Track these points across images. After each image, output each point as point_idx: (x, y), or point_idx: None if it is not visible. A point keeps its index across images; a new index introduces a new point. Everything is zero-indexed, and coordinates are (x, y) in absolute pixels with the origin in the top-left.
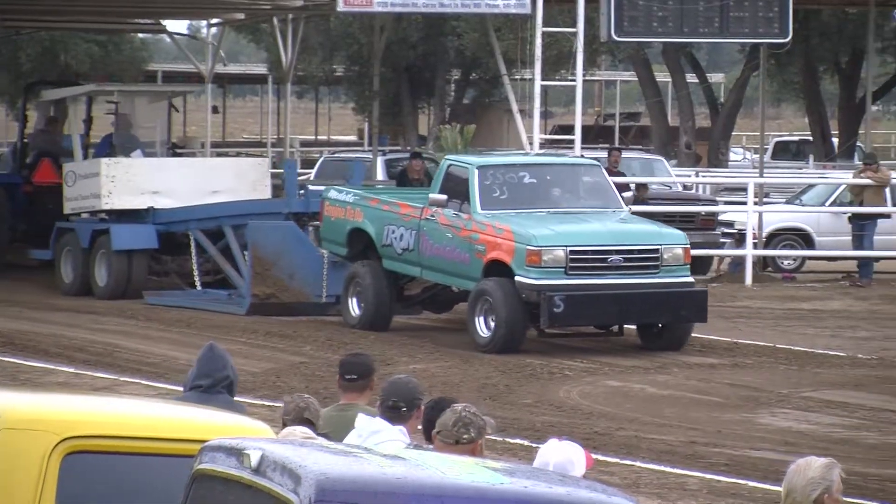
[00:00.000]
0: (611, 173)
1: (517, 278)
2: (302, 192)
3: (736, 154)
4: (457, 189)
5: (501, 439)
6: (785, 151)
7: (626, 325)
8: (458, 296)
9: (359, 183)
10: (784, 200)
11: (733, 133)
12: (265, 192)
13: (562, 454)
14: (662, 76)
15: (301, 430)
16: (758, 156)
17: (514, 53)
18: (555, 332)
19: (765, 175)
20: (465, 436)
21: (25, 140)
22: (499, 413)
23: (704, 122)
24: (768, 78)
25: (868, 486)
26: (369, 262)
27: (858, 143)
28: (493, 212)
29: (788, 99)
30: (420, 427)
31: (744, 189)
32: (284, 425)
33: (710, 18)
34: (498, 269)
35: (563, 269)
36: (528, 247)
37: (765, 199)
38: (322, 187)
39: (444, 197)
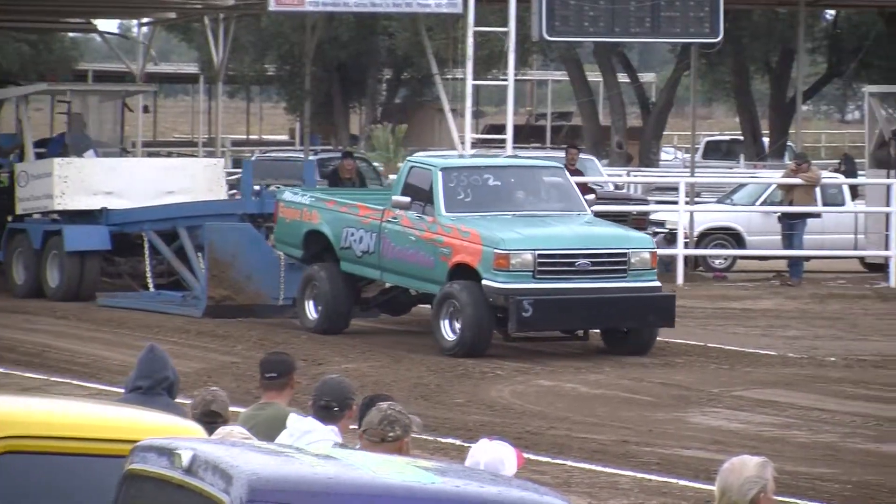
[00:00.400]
0: (568, 171)
1: (484, 282)
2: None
3: (667, 153)
4: (419, 191)
5: (433, 439)
6: (716, 151)
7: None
8: (417, 298)
9: (312, 184)
10: (715, 200)
11: (664, 133)
12: (221, 194)
13: (493, 453)
14: (594, 76)
15: (239, 431)
16: (689, 155)
17: (446, 53)
18: (521, 336)
19: (696, 174)
20: (391, 433)
21: None
22: (431, 413)
23: (636, 121)
24: (699, 78)
25: (798, 485)
26: (326, 264)
27: (789, 143)
28: (458, 214)
29: (719, 98)
30: (352, 427)
31: (675, 188)
32: (194, 418)
33: (642, 18)
34: (463, 273)
35: (531, 273)
36: (496, 250)
37: (696, 199)
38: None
39: (408, 199)
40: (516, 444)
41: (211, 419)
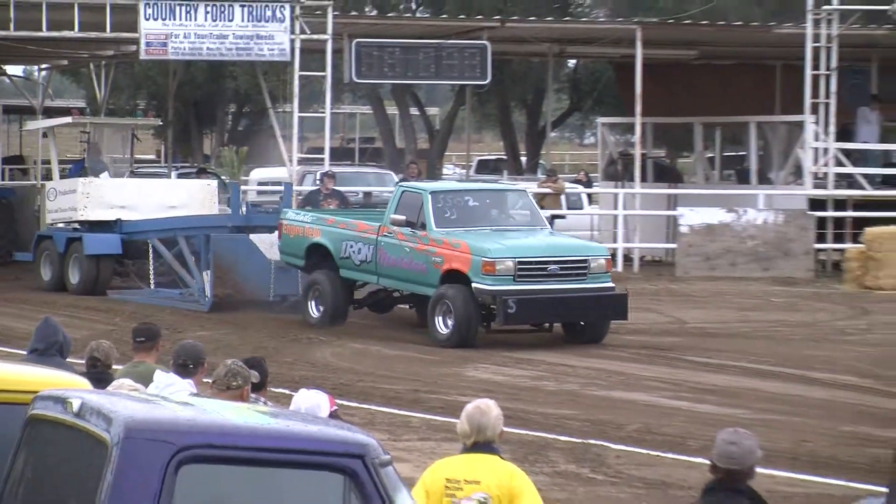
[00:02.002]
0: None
1: (474, 285)
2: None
3: (448, 169)
4: (411, 211)
5: (268, 389)
6: (485, 167)
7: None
8: (399, 299)
9: (288, 205)
10: None
11: (446, 153)
12: (213, 209)
13: (310, 400)
14: (392, 109)
15: (129, 383)
16: (465, 170)
17: (278, 91)
18: (499, 329)
19: None
20: (234, 383)
21: None
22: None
23: (424, 144)
24: (472, 111)
25: (548, 423)
26: (326, 271)
27: (541, 161)
28: (446, 230)
29: (488, 127)
30: (205, 380)
31: None
32: (85, 363)
33: (428, 65)
34: (453, 278)
35: (512, 277)
36: (484, 258)
37: None
38: None
39: (404, 217)
40: (331, 393)
41: (93, 364)
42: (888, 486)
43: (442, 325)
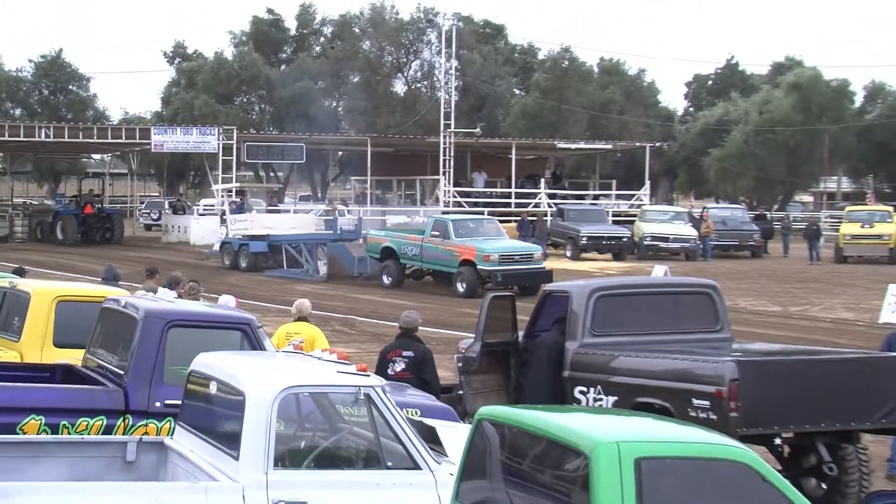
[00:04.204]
0: (271, 206)
1: (479, 267)
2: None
3: (288, 199)
4: (440, 229)
5: (209, 294)
6: (304, 199)
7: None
8: (428, 274)
9: (360, 232)
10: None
11: (286, 192)
12: (313, 228)
13: (226, 299)
14: (262, 173)
15: (152, 294)
16: (294, 200)
17: (215, 165)
18: (490, 289)
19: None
20: (193, 292)
21: (76, 197)
22: (214, 287)
23: (276, 188)
24: (297, 174)
25: (329, 307)
26: (391, 260)
27: (328, 195)
28: (461, 238)
29: (304, 180)
30: (182, 291)
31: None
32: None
33: (277, 153)
34: (466, 263)
35: (497, 262)
36: (483, 253)
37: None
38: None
39: (438, 232)
40: (237, 296)
41: (168, 283)
42: (473, 333)
43: (460, 287)
